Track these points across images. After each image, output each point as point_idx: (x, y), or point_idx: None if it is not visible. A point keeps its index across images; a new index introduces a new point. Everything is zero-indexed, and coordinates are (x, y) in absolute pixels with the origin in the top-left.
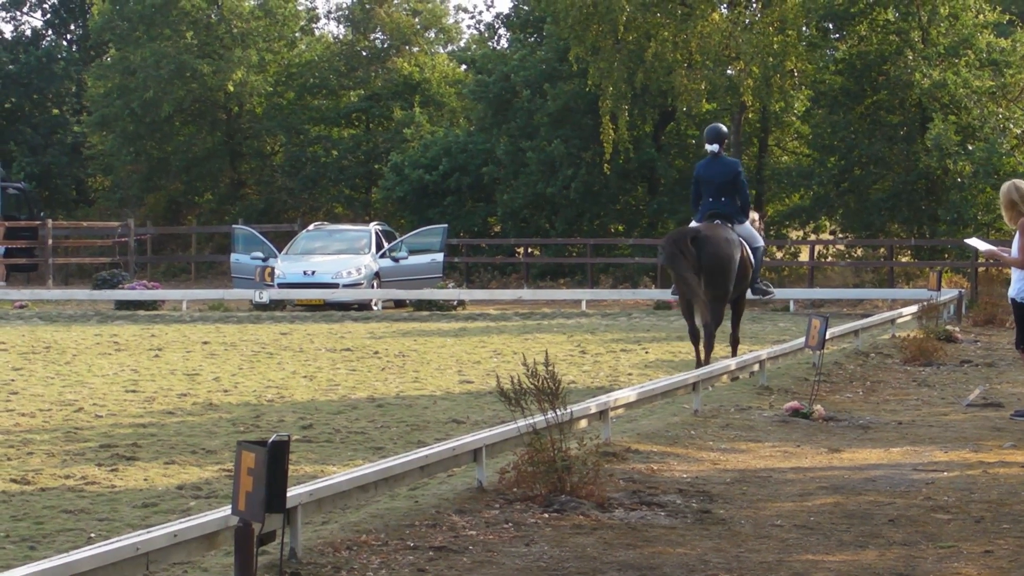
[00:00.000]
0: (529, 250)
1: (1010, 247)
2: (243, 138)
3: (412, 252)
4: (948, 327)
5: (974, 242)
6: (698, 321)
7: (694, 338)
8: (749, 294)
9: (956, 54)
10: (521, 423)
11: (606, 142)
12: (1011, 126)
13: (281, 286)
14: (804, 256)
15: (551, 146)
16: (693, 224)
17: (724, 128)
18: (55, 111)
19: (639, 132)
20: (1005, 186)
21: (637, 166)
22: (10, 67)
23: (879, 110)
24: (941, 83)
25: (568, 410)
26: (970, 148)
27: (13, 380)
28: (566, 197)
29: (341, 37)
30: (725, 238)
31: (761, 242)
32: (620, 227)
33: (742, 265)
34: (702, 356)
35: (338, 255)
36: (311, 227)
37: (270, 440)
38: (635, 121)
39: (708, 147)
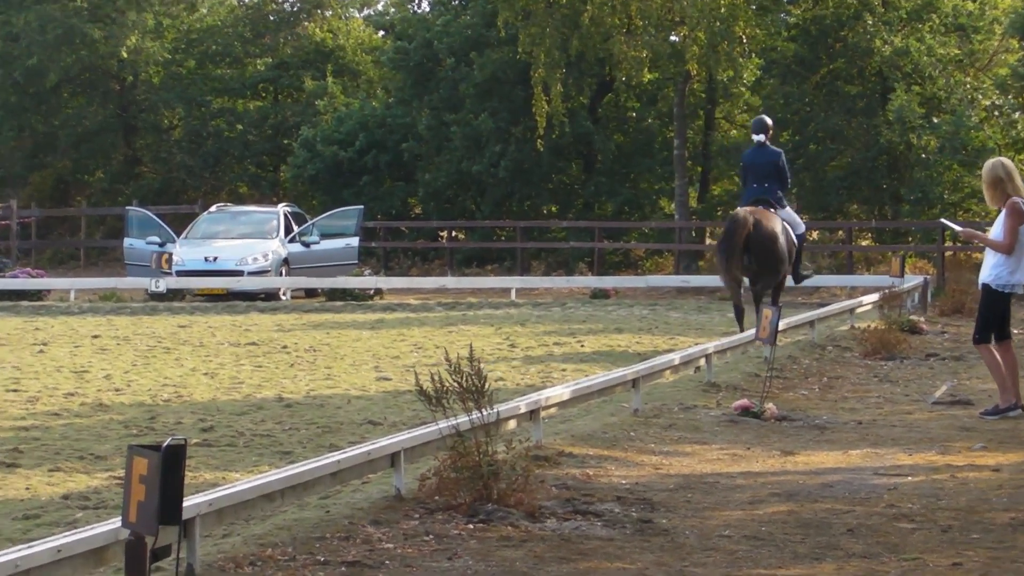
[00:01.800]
0: (453, 234)
1: (981, 229)
2: (138, 111)
3: (324, 236)
4: (912, 317)
5: (948, 223)
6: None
7: (739, 315)
8: (789, 280)
9: (919, 18)
10: (443, 424)
11: (538, 115)
12: (980, 97)
13: (180, 274)
14: None
15: (478, 120)
16: (744, 209)
17: (768, 120)
18: None
19: (574, 104)
20: (990, 163)
21: (572, 141)
22: None
23: (836, 80)
24: (903, 50)
25: (495, 410)
26: (935, 121)
27: None
28: (494, 176)
29: (247, 0)
30: (773, 224)
31: (803, 227)
32: (554, 208)
33: (787, 248)
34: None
35: (243, 240)
36: (213, 209)
37: (164, 444)
38: (570, 92)
39: (755, 137)
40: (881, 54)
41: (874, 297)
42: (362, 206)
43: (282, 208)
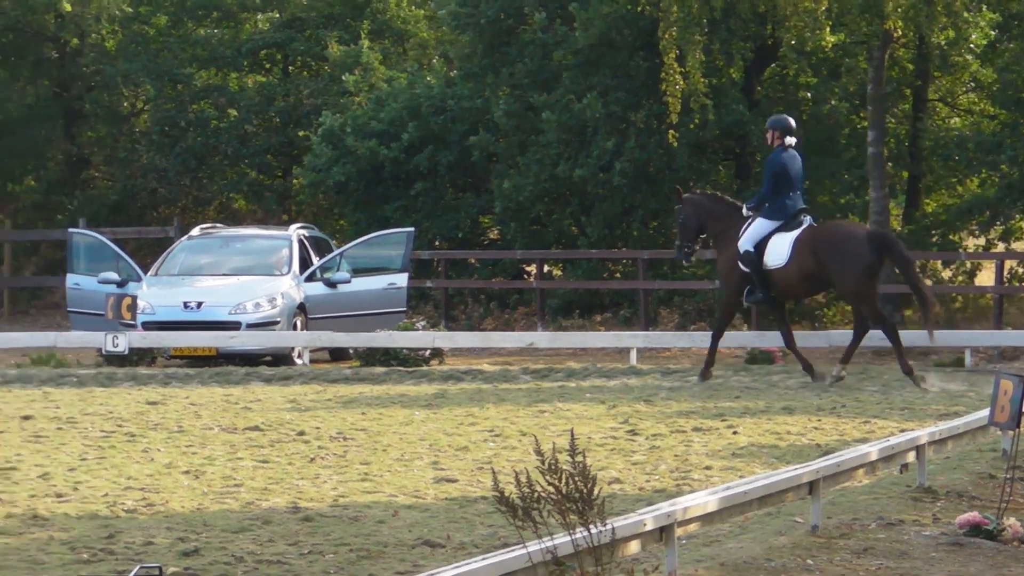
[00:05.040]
0: (546, 269)
1: None
2: (85, 89)
3: (358, 272)
4: None
5: None
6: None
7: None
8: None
9: None
10: (534, 547)
11: (670, 95)
12: None
13: (148, 326)
14: (987, 277)
15: (580, 103)
16: (806, 222)
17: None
18: None
19: (722, 80)
20: None
21: (719, 134)
22: None
23: None
24: None
25: (609, 526)
26: None
27: None
28: (605, 184)
29: None
30: None
31: None
32: None
33: None
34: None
35: (239, 277)
36: (195, 232)
37: (131, 575)
38: (715, 62)
39: (789, 139)
40: None
41: None
42: (412, 228)
43: (296, 231)
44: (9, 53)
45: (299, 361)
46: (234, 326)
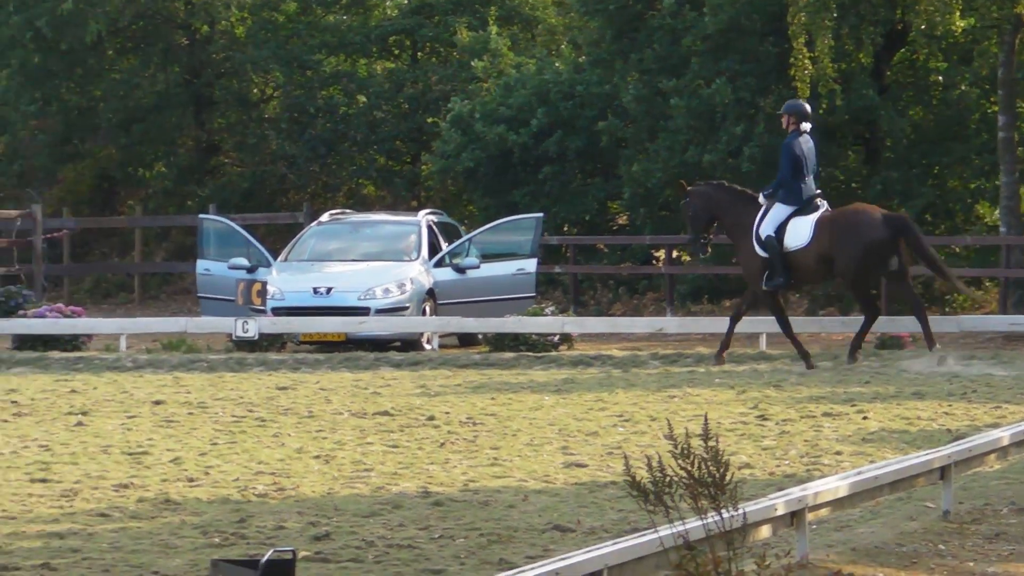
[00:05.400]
0: (675, 254)
1: None
2: (215, 76)
3: (487, 258)
4: None
5: None
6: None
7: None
8: None
9: None
10: (665, 532)
11: (799, 81)
12: None
13: (278, 312)
14: None
15: (710, 88)
16: (823, 206)
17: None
18: None
19: (851, 65)
20: None
21: (848, 119)
22: None
23: None
24: None
25: (740, 511)
26: None
27: None
28: (734, 169)
29: None
30: None
31: None
32: None
33: None
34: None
35: (368, 263)
36: (325, 218)
37: (264, 558)
38: (845, 47)
39: (804, 125)
40: None
41: None
42: (541, 214)
43: (425, 217)
44: (140, 40)
45: (428, 346)
46: (363, 312)
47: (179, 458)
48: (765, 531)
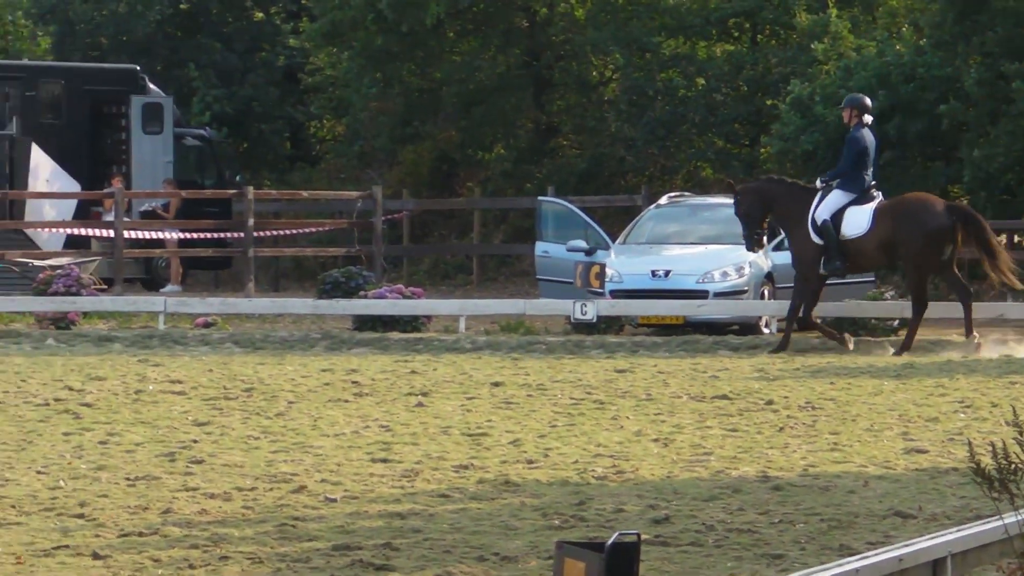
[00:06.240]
0: (1016, 239)
1: None
2: (554, 58)
3: None
4: None
5: None
6: None
7: None
8: None
9: None
10: (1010, 519)
11: None
12: None
13: (616, 294)
14: None
15: None
16: (879, 196)
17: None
18: (258, 14)
19: None
20: None
21: None
22: None
23: None
24: None
25: None
26: None
27: (196, 442)
28: None
29: None
30: None
31: None
32: None
33: None
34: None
35: (706, 246)
36: (663, 200)
37: (609, 541)
38: None
39: (867, 118)
40: None
41: None
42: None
43: None
44: (480, 23)
45: (767, 330)
46: (702, 295)
47: (518, 440)
48: None
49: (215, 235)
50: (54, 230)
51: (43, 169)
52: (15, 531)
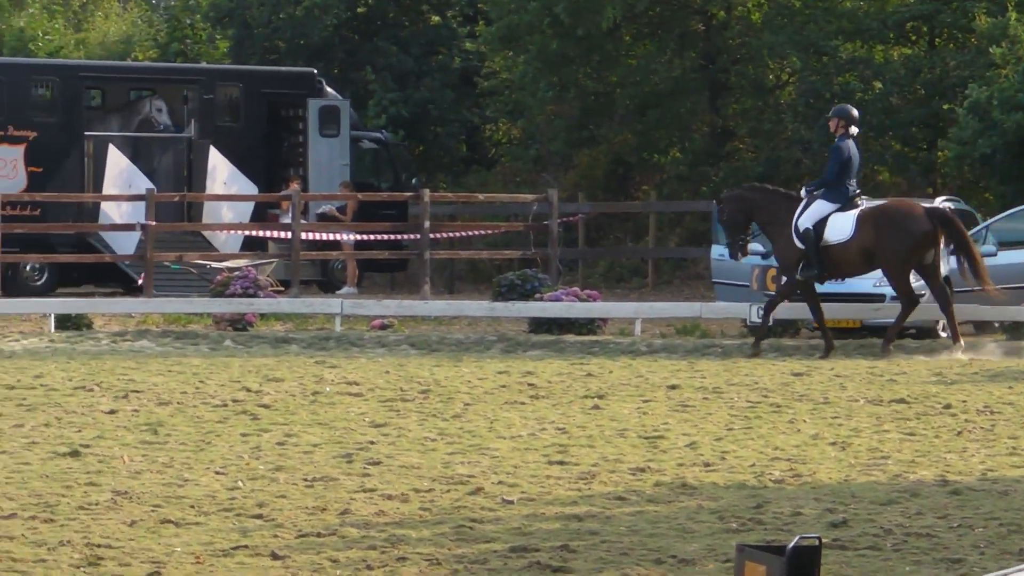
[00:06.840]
0: None
1: None
2: (730, 61)
3: (1004, 245)
4: None
5: None
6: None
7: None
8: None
9: None
10: None
11: None
12: None
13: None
14: None
15: None
16: (862, 203)
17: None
18: (434, 18)
19: None
20: None
21: None
22: None
23: None
24: None
25: None
26: None
27: (373, 443)
28: None
29: None
30: None
31: None
32: None
33: None
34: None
35: None
36: None
37: (790, 544)
38: None
39: (853, 128)
40: None
41: None
42: None
43: (941, 204)
44: (656, 26)
45: (944, 334)
46: (879, 299)
47: (695, 443)
48: None
49: (391, 237)
50: (231, 232)
51: (220, 171)
52: (194, 531)
